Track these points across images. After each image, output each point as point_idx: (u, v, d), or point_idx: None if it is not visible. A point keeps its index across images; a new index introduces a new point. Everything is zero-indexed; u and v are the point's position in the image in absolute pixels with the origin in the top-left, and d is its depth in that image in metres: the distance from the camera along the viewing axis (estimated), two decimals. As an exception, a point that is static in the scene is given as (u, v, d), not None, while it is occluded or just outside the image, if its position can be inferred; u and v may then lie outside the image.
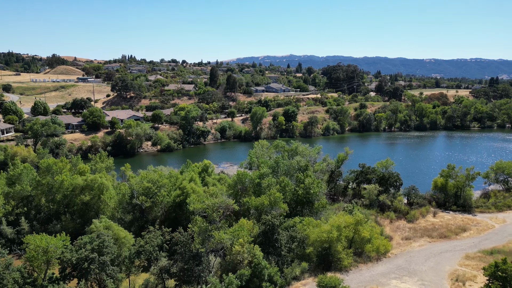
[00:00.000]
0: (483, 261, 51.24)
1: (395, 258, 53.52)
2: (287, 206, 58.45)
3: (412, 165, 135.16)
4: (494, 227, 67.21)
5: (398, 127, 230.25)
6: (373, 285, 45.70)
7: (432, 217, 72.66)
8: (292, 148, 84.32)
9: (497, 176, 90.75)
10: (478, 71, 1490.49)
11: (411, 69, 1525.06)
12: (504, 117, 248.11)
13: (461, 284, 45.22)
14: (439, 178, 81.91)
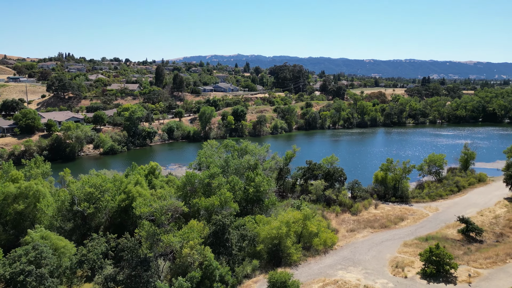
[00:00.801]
0: (419, 247, 55.29)
1: (341, 249, 55.96)
2: (238, 205, 58.63)
3: (355, 160, 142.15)
4: (428, 215, 72.81)
5: (342, 125, 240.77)
6: (321, 277, 47.38)
7: (374, 209, 76.99)
8: (242, 147, 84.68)
9: (430, 168, 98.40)
10: (412, 71, 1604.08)
11: (352, 69, 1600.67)
12: (435, 113, 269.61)
13: (400, 270, 48.44)
14: (379, 172, 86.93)
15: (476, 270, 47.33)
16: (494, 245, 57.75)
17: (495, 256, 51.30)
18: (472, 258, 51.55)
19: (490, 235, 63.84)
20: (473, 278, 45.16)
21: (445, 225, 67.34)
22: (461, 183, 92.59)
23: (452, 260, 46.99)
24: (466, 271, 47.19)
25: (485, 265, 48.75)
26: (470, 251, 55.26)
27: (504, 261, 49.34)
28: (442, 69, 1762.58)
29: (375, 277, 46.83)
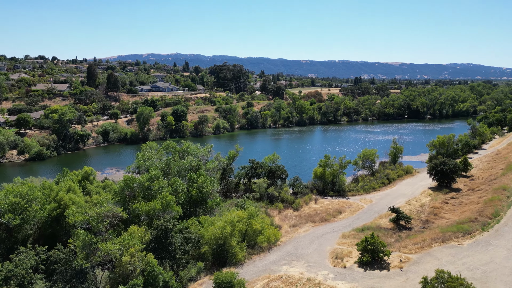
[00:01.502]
0: (356, 238, 58.56)
1: (285, 245, 57.36)
2: (181, 208, 57.37)
3: (296, 157, 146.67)
4: (364, 207, 77.49)
5: (282, 124, 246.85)
6: (266, 274, 48.13)
7: (314, 203, 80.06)
8: (183, 148, 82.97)
9: (363, 162, 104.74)
10: (345, 71, 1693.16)
11: (290, 69, 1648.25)
12: (367, 111, 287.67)
13: (340, 261, 50.93)
14: (318, 168, 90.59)
15: (406, 256, 51.33)
16: (421, 231, 63.09)
17: (422, 241, 56.05)
18: (402, 245, 55.80)
19: (417, 222, 69.66)
20: (404, 263, 48.93)
21: (378, 215, 72.12)
22: (391, 175, 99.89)
23: (385, 248, 50.46)
24: (398, 257, 50.97)
25: (414, 250, 53.07)
26: (400, 238, 59.76)
27: (430, 246, 54.11)
28: (372, 70, 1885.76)
29: (317, 270, 48.71)
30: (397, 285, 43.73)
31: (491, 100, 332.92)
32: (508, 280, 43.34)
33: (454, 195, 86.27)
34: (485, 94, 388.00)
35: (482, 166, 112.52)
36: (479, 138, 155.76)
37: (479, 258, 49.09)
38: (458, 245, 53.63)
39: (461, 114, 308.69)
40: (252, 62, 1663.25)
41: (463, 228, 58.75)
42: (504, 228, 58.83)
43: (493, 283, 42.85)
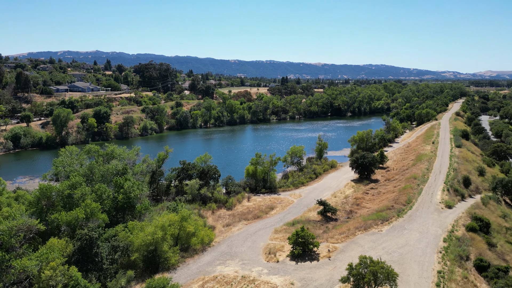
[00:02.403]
0: (288, 232, 60.63)
1: (219, 245, 57.19)
2: (107, 215, 53.99)
3: (228, 157, 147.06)
4: (294, 202, 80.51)
5: (213, 123, 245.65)
6: (200, 276, 47.52)
7: (247, 201, 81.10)
8: (108, 152, 78.19)
9: (292, 159, 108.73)
10: (272, 71, 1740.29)
11: (219, 68, 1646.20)
12: (294, 110, 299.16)
13: (273, 256, 52.29)
14: (250, 166, 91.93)
15: (333, 245, 54.52)
16: (346, 221, 67.46)
17: (347, 231, 60.00)
18: (330, 235, 59.15)
19: (342, 213, 74.36)
20: (332, 253, 51.91)
21: (307, 209, 75.51)
22: (318, 170, 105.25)
23: (315, 240, 53.04)
24: (326, 247, 53.91)
25: (340, 240, 56.60)
26: (328, 229, 63.27)
27: (354, 234, 58.16)
28: (297, 70, 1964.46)
29: (251, 266, 49.41)
30: (326, 273, 46.22)
31: (401, 98, 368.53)
32: (420, 260, 48.36)
33: (373, 185, 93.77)
34: (396, 93, 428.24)
35: (396, 158, 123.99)
36: (393, 133, 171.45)
37: (396, 242, 54.01)
38: (378, 231, 58.38)
39: (377, 111, 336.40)
40: (180, 61, 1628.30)
41: (382, 216, 64.13)
42: (416, 213, 65.51)
43: (408, 264, 47.47)
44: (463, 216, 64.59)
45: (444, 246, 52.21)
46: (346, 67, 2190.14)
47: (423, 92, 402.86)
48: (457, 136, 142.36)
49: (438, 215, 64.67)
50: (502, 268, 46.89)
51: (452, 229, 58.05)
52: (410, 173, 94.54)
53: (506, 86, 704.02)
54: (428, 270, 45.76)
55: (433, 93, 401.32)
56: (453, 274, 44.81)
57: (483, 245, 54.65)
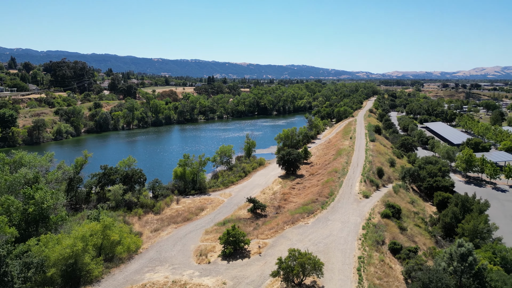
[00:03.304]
0: (218, 232, 60.42)
1: (147, 252, 54.85)
2: (16, 229, 48.34)
3: (154, 159, 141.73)
4: (224, 201, 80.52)
5: (136, 124, 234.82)
6: (127, 286, 45.08)
7: (176, 204, 79.03)
8: (15, 159, 70.05)
9: (221, 158, 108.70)
10: (198, 71, 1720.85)
11: (141, 67, 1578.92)
12: (221, 109, 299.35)
13: (204, 257, 51.70)
14: (178, 167, 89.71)
15: (264, 241, 55.72)
16: (275, 217, 69.40)
17: (276, 226, 61.78)
18: (260, 232, 60.34)
19: (271, 209, 76.32)
20: (262, 249, 53.00)
21: (238, 207, 76.10)
22: (247, 168, 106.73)
23: (246, 237, 53.65)
24: (256, 243, 54.87)
25: (270, 235, 58.06)
26: (258, 226, 64.46)
27: (283, 229, 60.11)
28: (223, 69, 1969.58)
29: (182, 270, 48.27)
30: (258, 269, 47.06)
31: (322, 97, 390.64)
32: (343, 248, 51.74)
33: (299, 180, 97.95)
34: (317, 92, 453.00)
35: (319, 153, 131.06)
36: (315, 130, 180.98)
37: (321, 233, 57.07)
38: (304, 224, 61.10)
39: (300, 109, 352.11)
40: (98, 59, 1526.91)
41: (307, 209, 67.26)
42: (338, 204, 69.93)
43: (333, 252, 50.47)
44: (378, 204, 70.60)
45: (363, 233, 56.53)
46: (270, 67, 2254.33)
47: (341, 91, 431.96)
48: (371, 131, 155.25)
49: (357, 205, 69.83)
50: (412, 249, 52.26)
51: (369, 217, 63.09)
52: (331, 167, 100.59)
53: (410, 85, 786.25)
54: (350, 257, 49.15)
55: (350, 92, 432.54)
56: (372, 259, 48.75)
57: (395, 229, 60.35)
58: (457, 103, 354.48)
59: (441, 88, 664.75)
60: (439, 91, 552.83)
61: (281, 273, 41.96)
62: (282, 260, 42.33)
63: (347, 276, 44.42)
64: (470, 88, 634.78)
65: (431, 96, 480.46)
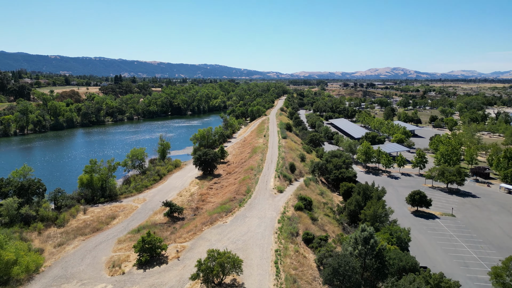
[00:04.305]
0: (133, 240, 57.26)
1: (50, 269, 49.45)
2: None
3: (55, 167, 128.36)
4: (138, 207, 76.59)
5: (32, 129, 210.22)
6: (29, 311, 40.12)
7: (83, 214, 72.72)
8: None
9: (133, 162, 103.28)
10: (103, 69, 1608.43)
11: (36, 65, 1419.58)
12: (131, 110, 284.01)
13: (117, 268, 48.50)
14: (84, 174, 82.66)
15: (182, 245, 54.42)
16: (193, 219, 68.31)
17: (194, 228, 60.83)
18: (177, 235, 58.81)
19: (189, 211, 74.95)
20: (180, 253, 51.70)
21: (153, 212, 73.07)
22: (162, 171, 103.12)
23: (163, 243, 51.77)
24: (174, 248, 53.34)
25: (188, 238, 56.94)
26: (176, 230, 62.77)
27: (201, 230, 59.43)
28: (131, 68, 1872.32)
29: (93, 285, 44.63)
30: (176, 274, 45.79)
31: (236, 96, 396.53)
32: (261, 243, 53.21)
33: (216, 180, 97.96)
34: (231, 91, 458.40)
35: (235, 152, 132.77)
36: (231, 129, 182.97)
37: (240, 230, 57.88)
38: (223, 223, 61.31)
39: (215, 109, 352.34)
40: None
41: (225, 208, 67.63)
42: (255, 201, 71.68)
43: (251, 248, 51.56)
44: (291, 198, 74.22)
45: (279, 226, 58.89)
46: (182, 66, 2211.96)
47: (254, 91, 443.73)
48: (282, 129, 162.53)
49: (273, 200, 72.48)
50: (323, 237, 56.07)
51: (284, 211, 65.96)
52: (247, 165, 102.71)
53: (316, 84, 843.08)
54: (268, 251, 50.79)
55: (262, 91, 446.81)
56: (287, 250, 51.06)
57: (308, 220, 64.11)
58: (356, 101, 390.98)
59: (342, 87, 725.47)
60: (341, 90, 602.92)
61: (201, 275, 41.48)
62: (201, 262, 41.85)
63: (265, 270, 45.80)
64: (367, 87, 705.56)
65: (334, 94, 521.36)
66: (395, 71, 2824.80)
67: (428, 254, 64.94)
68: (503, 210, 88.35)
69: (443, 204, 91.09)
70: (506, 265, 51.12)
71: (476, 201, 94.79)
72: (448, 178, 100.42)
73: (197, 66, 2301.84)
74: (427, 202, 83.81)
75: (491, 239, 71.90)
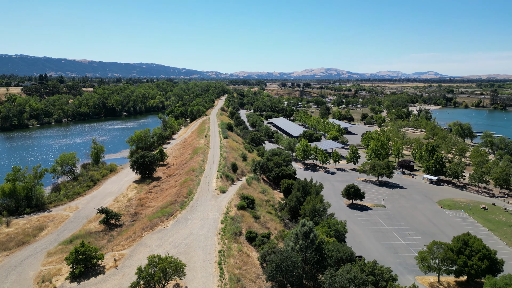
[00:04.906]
0: (65, 251, 53.27)
1: (-33, 292, 44.18)
2: None
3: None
4: (70, 216, 71.38)
5: None
6: None
7: (6, 227, 65.94)
8: None
9: (63, 168, 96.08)
10: (26, 68, 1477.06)
11: None
12: (59, 112, 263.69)
13: (48, 283, 44.75)
14: (6, 183, 75.12)
15: (120, 253, 51.80)
16: (131, 225, 65.39)
17: (133, 234, 58.24)
18: (115, 243, 55.88)
19: (127, 217, 71.62)
20: (118, 261, 49.16)
21: (87, 220, 68.64)
22: (96, 176, 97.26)
23: (99, 252, 48.83)
24: (112, 257, 50.58)
25: (127, 245, 54.36)
26: (113, 238, 59.60)
27: (141, 236, 57.10)
28: (58, 67, 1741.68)
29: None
30: (115, 284, 43.50)
31: (174, 96, 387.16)
32: (204, 245, 52.59)
33: (156, 183, 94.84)
34: (169, 91, 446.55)
35: (175, 154, 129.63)
36: (170, 130, 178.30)
37: (182, 234, 56.65)
38: (164, 228, 59.53)
39: (152, 110, 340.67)
40: None
41: (166, 212, 65.75)
42: (197, 203, 70.65)
43: (194, 251, 50.74)
44: (234, 198, 74.41)
45: (222, 227, 58.69)
46: (116, 65, 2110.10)
47: (193, 90, 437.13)
48: (224, 129, 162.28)
49: (215, 201, 72.04)
50: (265, 235, 57.02)
51: (227, 211, 65.90)
52: (188, 166, 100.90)
53: (255, 84, 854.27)
54: (211, 253, 50.37)
55: (202, 91, 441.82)
56: (231, 250, 51.09)
57: (251, 219, 64.76)
58: (294, 100, 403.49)
59: (280, 87, 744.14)
60: (279, 90, 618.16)
61: (142, 283, 39.90)
62: (141, 269, 40.24)
63: (209, 272, 45.38)
64: (303, 86, 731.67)
65: (273, 94, 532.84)
66: (329, 71, 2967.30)
67: (363, 244, 69.16)
68: (426, 198, 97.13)
69: (375, 196, 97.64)
70: (430, 249, 56.27)
71: (403, 191, 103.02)
72: (379, 171, 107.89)
73: (132, 65, 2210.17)
74: (361, 195, 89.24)
75: (417, 226, 78.65)
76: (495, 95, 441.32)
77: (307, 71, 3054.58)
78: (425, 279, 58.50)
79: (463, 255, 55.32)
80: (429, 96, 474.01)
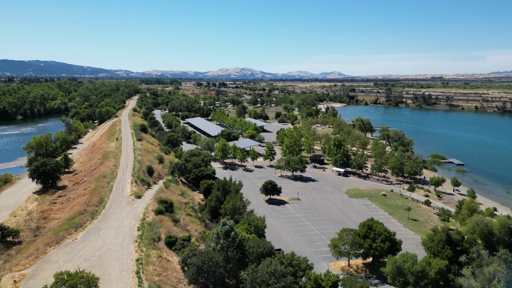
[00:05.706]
0: None
1: None
2: None
3: None
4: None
5: None
6: None
7: None
8: None
9: None
10: None
11: None
12: None
13: None
14: None
15: (21, 273, 45.97)
16: (33, 241, 58.53)
17: (36, 251, 52.17)
18: (14, 263, 49.50)
19: (27, 232, 63.98)
20: (19, 283, 43.59)
21: (-24, 241, 59.51)
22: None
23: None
24: (11, 278, 44.65)
25: (29, 264, 48.50)
26: (11, 257, 52.75)
27: (45, 252, 51.39)
28: None
29: None
30: (16, 310, 38.53)
31: (79, 97, 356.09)
32: (119, 255, 49.48)
33: (61, 193, 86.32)
34: (73, 91, 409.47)
35: (82, 159, 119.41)
36: (75, 134, 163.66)
37: (94, 245, 52.48)
38: (72, 241, 54.50)
39: (54, 112, 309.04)
40: None
41: (74, 223, 60.25)
42: (110, 211, 66.11)
43: (109, 263, 47.43)
44: (151, 202, 71.41)
45: (139, 234, 55.90)
46: (7, 63, 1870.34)
47: (101, 90, 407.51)
48: (137, 130, 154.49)
49: (130, 207, 68.27)
50: (186, 238, 55.86)
51: (143, 217, 62.94)
52: (99, 172, 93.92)
53: (169, 83, 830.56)
54: (128, 262, 47.62)
55: (110, 91, 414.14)
56: (149, 257, 48.96)
57: (170, 223, 62.83)
58: (210, 100, 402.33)
59: (196, 86, 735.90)
60: (195, 89, 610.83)
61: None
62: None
63: (127, 282, 42.91)
64: (219, 86, 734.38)
65: (189, 93, 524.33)
66: (243, 71, 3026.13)
67: (281, 237, 72.13)
68: (336, 189, 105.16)
69: (291, 190, 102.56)
70: (341, 236, 61.12)
71: (315, 184, 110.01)
72: (293, 166, 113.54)
73: (27, 62, 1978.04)
74: (278, 190, 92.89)
75: (329, 215, 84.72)
76: (389, 93, 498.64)
77: (222, 70, 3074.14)
78: (337, 264, 63.37)
79: (369, 239, 61.26)
80: (335, 95, 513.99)
